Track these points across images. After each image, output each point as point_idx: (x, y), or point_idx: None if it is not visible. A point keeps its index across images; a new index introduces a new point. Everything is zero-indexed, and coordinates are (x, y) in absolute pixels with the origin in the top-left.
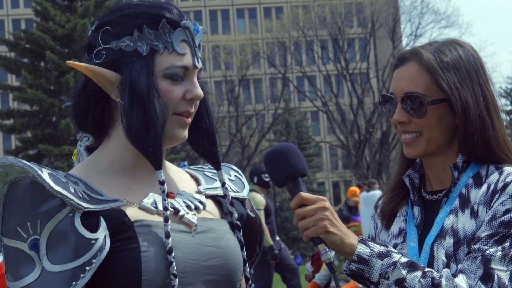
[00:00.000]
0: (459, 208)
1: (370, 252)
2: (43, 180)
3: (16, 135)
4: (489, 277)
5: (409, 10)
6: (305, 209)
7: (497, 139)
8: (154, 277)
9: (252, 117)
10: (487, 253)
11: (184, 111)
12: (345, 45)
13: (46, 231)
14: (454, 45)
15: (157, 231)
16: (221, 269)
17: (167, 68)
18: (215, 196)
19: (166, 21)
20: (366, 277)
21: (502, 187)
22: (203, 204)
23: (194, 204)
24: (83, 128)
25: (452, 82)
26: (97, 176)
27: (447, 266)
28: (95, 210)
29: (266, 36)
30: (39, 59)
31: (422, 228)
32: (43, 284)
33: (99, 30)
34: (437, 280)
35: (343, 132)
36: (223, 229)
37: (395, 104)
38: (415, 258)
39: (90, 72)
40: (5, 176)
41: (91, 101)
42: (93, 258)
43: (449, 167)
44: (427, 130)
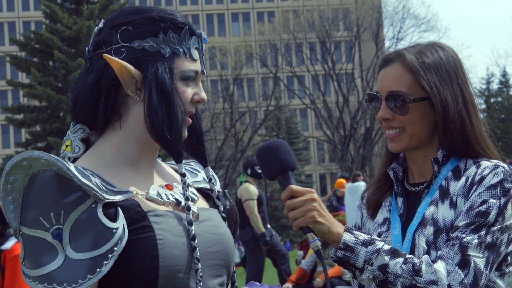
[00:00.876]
0: (439, 199)
1: (355, 240)
2: (72, 173)
3: (26, 129)
4: (466, 263)
5: (391, 15)
6: (294, 201)
7: (475, 135)
8: (171, 263)
9: (245, 113)
10: (464, 240)
11: (188, 112)
12: (332, 47)
13: (69, 221)
14: (435, 47)
15: (168, 220)
16: (221, 254)
17: (184, 71)
18: (200, 189)
19: (188, 29)
20: (351, 263)
21: (479, 180)
22: (197, 196)
23: (190, 196)
24: (86, 120)
25: (432, 82)
26: (104, 168)
27: (427, 253)
28: (114, 201)
29: (259, 39)
30: (48, 58)
31: (405, 217)
32: (67, 271)
33: (116, 29)
34: (417, 265)
35: (329, 128)
36: (218, 217)
37: (380, 102)
38: (398, 246)
39: (119, 67)
40: (28, 169)
41: (103, 94)
42: (114, 246)
43: (430, 161)
44: (410, 126)
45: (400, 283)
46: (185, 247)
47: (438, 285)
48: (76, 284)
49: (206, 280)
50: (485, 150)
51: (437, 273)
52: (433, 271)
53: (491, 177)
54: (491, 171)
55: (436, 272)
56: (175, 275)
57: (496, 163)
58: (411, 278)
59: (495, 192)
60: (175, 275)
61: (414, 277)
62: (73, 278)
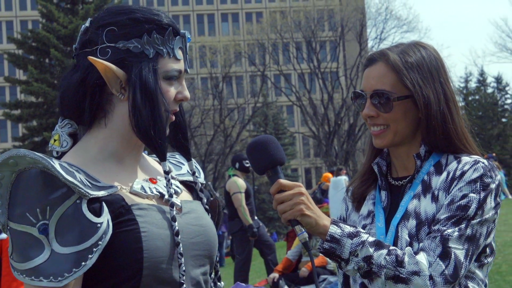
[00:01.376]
0: (421, 193)
1: (341, 232)
2: (56, 170)
3: (23, 124)
4: (447, 254)
5: (374, 16)
6: (283, 194)
7: (456, 132)
8: (154, 254)
9: (234, 110)
10: (445, 233)
11: (172, 110)
12: (317, 46)
13: (55, 216)
14: (418, 47)
15: (152, 213)
16: (203, 244)
17: (168, 71)
18: (185, 181)
19: (172, 30)
20: (337, 254)
21: (460, 175)
22: (180, 189)
23: (175, 189)
24: (73, 116)
25: (415, 80)
26: (90, 163)
27: (410, 245)
28: (98, 196)
29: (247, 38)
30: (44, 56)
31: (388, 210)
32: (53, 264)
33: (102, 29)
34: (400, 257)
35: (314, 124)
36: (201, 209)
37: (365, 100)
38: (382, 238)
39: (103, 68)
40: (14, 166)
41: (89, 92)
42: (99, 240)
43: (412, 156)
44: (394, 123)
45: (384, 274)
46: (168, 239)
47: (420, 276)
48: (62, 277)
49: (190, 270)
50: (465, 146)
51: (419, 264)
52: (416, 262)
53: (471, 172)
54: (472, 166)
55: (419, 263)
56: (158, 266)
57: (476, 158)
58: (395, 269)
59: (475, 186)
60: (158, 266)
61: (397, 268)
62: (59, 272)
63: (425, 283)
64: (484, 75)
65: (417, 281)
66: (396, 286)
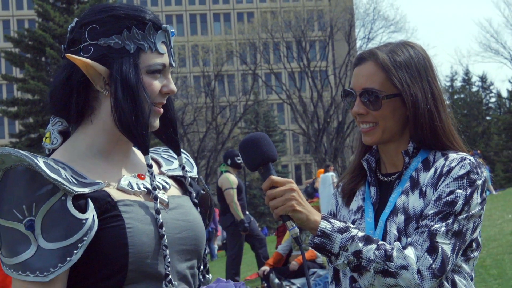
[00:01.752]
0: (409, 189)
1: (332, 227)
2: (40, 168)
3: (19, 121)
4: (434, 249)
5: (363, 17)
6: (275, 191)
7: (443, 129)
8: (139, 249)
9: (226, 107)
10: (433, 228)
11: (159, 103)
12: (307, 46)
13: (41, 213)
14: (406, 46)
15: (137, 209)
16: (190, 239)
17: (150, 65)
18: (175, 176)
19: (152, 24)
20: (328, 249)
21: (447, 171)
22: (169, 184)
23: (161, 184)
24: (60, 114)
25: (403, 79)
26: (78, 160)
27: (398, 240)
28: (84, 193)
29: (239, 38)
30: (40, 54)
31: (377, 206)
32: (39, 260)
33: (84, 27)
34: (389, 252)
35: (304, 122)
36: (189, 204)
37: (354, 98)
38: (371, 233)
39: (84, 65)
40: (1, 164)
41: (75, 90)
42: (84, 236)
43: (401, 153)
44: (382, 121)
45: (373, 268)
46: (153, 234)
47: (408, 270)
48: (48, 272)
49: (176, 265)
50: (452, 143)
51: (408, 258)
52: (404, 256)
53: (458, 168)
54: (458, 163)
55: (407, 258)
56: (144, 261)
57: (463, 155)
58: (383, 263)
59: (462, 183)
60: (144, 261)
61: (386, 262)
62: (45, 267)
63: (413, 277)
64: (469, 74)
65: (405, 275)
66: (385, 280)
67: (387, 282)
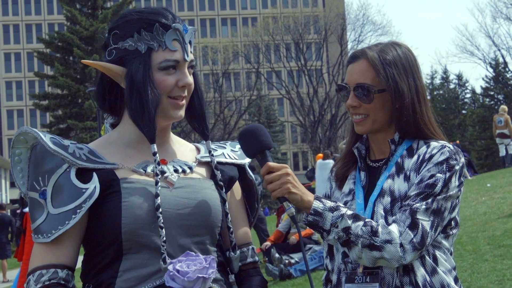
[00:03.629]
0: (395, 173)
1: (324, 206)
2: (43, 141)
3: (50, 113)
4: (415, 225)
5: (353, 22)
6: (272, 175)
7: (424, 121)
8: (132, 221)
9: (232, 101)
10: (414, 207)
11: (177, 96)
12: (304, 47)
13: (51, 182)
14: (394, 46)
15: (139, 186)
16: (196, 215)
17: (161, 62)
18: (208, 162)
19: (159, 25)
20: (320, 226)
21: (428, 158)
22: (191, 169)
23: (183, 168)
24: (102, 109)
25: (391, 75)
26: (107, 146)
27: (385, 219)
28: (89, 168)
29: (244, 40)
30: (69, 54)
31: (367, 189)
32: (48, 223)
33: (110, 33)
34: (375, 228)
35: (301, 114)
36: (202, 185)
37: (348, 92)
38: (361, 213)
39: (103, 68)
40: (26, 143)
41: (106, 88)
42: (83, 203)
43: (387, 142)
44: (373, 113)
45: (361, 242)
46: (147, 207)
47: (392, 244)
48: (51, 234)
49: (178, 238)
50: (433, 133)
51: (391, 233)
52: (388, 232)
53: (438, 155)
54: (439, 150)
55: (391, 233)
56: (137, 231)
57: (443, 143)
58: (370, 238)
59: (442, 168)
60: (137, 231)
61: (372, 237)
62: (49, 229)
63: (396, 249)
64: (447, 73)
65: (389, 248)
66: (372, 253)
67: (373, 255)
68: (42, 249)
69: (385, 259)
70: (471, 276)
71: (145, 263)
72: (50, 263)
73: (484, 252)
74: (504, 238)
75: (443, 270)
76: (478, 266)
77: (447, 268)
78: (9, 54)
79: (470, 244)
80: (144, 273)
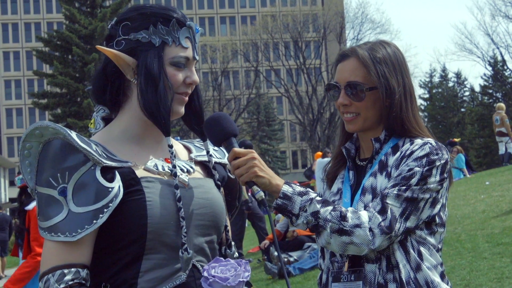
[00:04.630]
0: (378, 171)
1: (293, 191)
2: (72, 139)
3: (49, 111)
4: (384, 209)
5: (352, 20)
6: (238, 160)
7: (410, 118)
8: (158, 221)
9: (231, 100)
10: (385, 192)
11: (183, 92)
12: (303, 46)
13: (73, 180)
14: (383, 44)
15: (158, 185)
16: (208, 216)
17: (173, 57)
18: (202, 161)
19: (176, 21)
20: (289, 210)
21: (409, 154)
22: (193, 169)
23: (186, 168)
24: (100, 102)
25: (382, 73)
26: (113, 142)
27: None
28: (112, 166)
29: (243, 38)
30: (67, 52)
31: (354, 187)
32: (69, 222)
33: (119, 24)
34: (344, 213)
35: (300, 113)
36: (209, 185)
37: (338, 90)
38: None
39: (113, 56)
40: (40, 137)
41: (109, 79)
42: (110, 202)
43: (371, 140)
44: (364, 111)
45: (329, 227)
46: (171, 207)
47: (361, 228)
48: (76, 233)
49: (193, 238)
50: (418, 131)
51: (361, 218)
52: (358, 217)
53: (419, 151)
54: (420, 146)
55: (360, 217)
56: (161, 231)
57: (426, 140)
58: (339, 223)
59: (421, 162)
60: (161, 231)
61: (341, 222)
62: (74, 228)
63: (366, 233)
64: (446, 71)
65: (359, 232)
66: (341, 238)
67: (342, 240)
68: (61, 248)
69: (355, 244)
70: (470, 274)
71: (165, 263)
72: (71, 262)
73: (483, 250)
74: (502, 236)
75: (427, 266)
76: (476, 264)
77: (432, 263)
78: (8, 52)
79: (469, 242)
80: (164, 273)
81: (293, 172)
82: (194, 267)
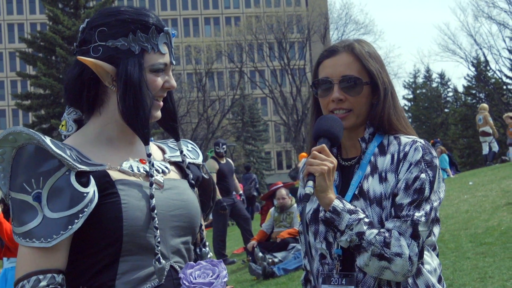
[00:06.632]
0: (369, 174)
1: (343, 207)
2: (46, 144)
3: (32, 113)
4: (418, 237)
5: (336, 21)
6: (319, 154)
7: (396, 115)
8: (133, 223)
9: (215, 101)
10: (415, 218)
11: (160, 96)
12: (287, 46)
13: (47, 186)
14: (365, 42)
15: (134, 188)
16: (184, 217)
17: (153, 65)
18: (177, 162)
19: (154, 28)
20: (335, 225)
21: (403, 156)
22: (168, 169)
23: (161, 168)
24: (75, 105)
25: (376, 68)
26: (87, 145)
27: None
28: (86, 170)
29: (227, 39)
30: (51, 54)
31: (340, 188)
32: (44, 228)
33: (94, 30)
34: (388, 239)
35: (285, 113)
36: (184, 186)
37: (331, 85)
38: None
39: (93, 65)
40: (14, 142)
41: (86, 85)
42: (85, 208)
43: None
44: (357, 107)
45: (371, 250)
46: (146, 209)
47: (402, 257)
48: (51, 238)
49: (169, 240)
50: (404, 127)
51: (403, 247)
52: (400, 245)
53: (412, 152)
54: (411, 146)
55: (402, 247)
56: (137, 233)
57: (413, 138)
58: (381, 248)
59: (421, 166)
60: (137, 233)
61: (384, 248)
62: (49, 234)
63: (406, 263)
64: (430, 72)
65: (399, 261)
66: (380, 263)
67: (381, 265)
68: (36, 253)
69: (392, 271)
70: (453, 273)
71: (142, 265)
72: (45, 268)
73: (466, 250)
74: (486, 236)
75: (428, 270)
76: (460, 264)
77: (433, 267)
78: None
79: (452, 242)
80: (142, 275)
81: (278, 173)
82: (172, 268)
